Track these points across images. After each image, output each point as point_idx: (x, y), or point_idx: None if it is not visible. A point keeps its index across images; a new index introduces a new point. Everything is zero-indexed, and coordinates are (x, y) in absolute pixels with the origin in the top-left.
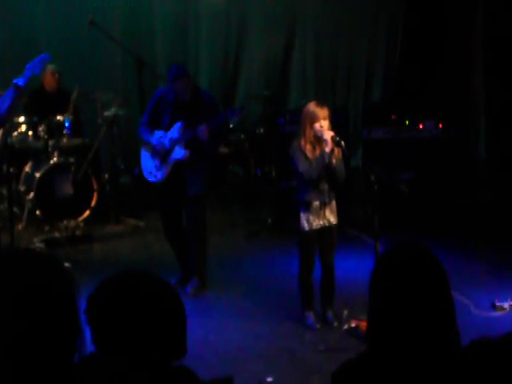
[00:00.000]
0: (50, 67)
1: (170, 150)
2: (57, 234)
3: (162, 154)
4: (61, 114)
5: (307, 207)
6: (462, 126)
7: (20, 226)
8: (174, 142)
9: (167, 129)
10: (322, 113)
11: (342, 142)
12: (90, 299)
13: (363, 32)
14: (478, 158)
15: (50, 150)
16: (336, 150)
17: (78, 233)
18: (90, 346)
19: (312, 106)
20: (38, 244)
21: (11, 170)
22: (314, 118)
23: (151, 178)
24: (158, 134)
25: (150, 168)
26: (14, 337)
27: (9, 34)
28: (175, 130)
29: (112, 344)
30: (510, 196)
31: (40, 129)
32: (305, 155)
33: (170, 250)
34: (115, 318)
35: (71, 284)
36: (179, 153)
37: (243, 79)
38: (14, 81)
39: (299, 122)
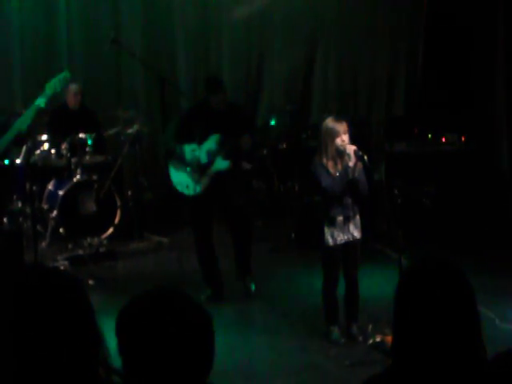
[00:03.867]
0: (73, 87)
1: (209, 162)
2: (80, 252)
3: (199, 167)
4: (84, 132)
5: (331, 222)
6: (485, 138)
7: (44, 244)
8: (213, 154)
9: (199, 141)
10: (342, 128)
11: (365, 156)
12: (120, 316)
13: (385, 45)
14: (501, 171)
15: (72, 167)
16: (358, 163)
17: (101, 250)
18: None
19: (331, 122)
20: (61, 262)
21: (34, 188)
22: (334, 134)
23: (189, 192)
24: (190, 147)
25: (186, 182)
26: (34, 346)
27: (31, 53)
28: (212, 142)
29: (141, 363)
30: None
31: (63, 147)
32: (327, 171)
33: (194, 267)
34: (146, 336)
35: (82, 291)
36: (222, 163)
37: (265, 94)
38: (36, 102)
39: (318, 138)
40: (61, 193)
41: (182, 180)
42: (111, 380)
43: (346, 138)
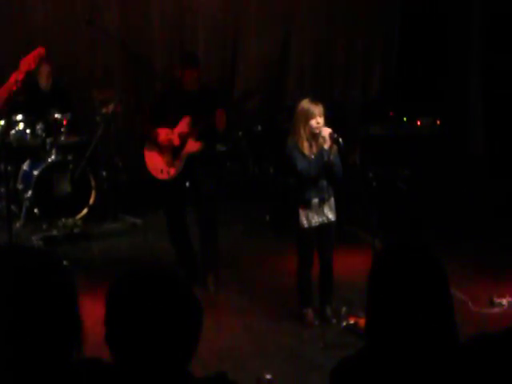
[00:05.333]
0: (46, 67)
1: (181, 145)
2: (55, 232)
3: (172, 150)
4: (58, 112)
5: (307, 205)
6: (460, 122)
7: (18, 225)
8: (184, 136)
9: (173, 125)
10: (318, 109)
11: (340, 139)
12: (112, 286)
13: (361, 28)
14: (475, 155)
15: (47, 147)
16: (333, 146)
17: (75, 231)
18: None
19: (306, 104)
20: (36, 242)
21: (9, 168)
22: (309, 115)
23: (163, 176)
24: (164, 131)
25: (161, 166)
26: (10, 330)
27: (5, 32)
28: (184, 125)
29: (125, 337)
30: (507, 192)
31: (38, 127)
32: (302, 153)
33: (168, 248)
34: (134, 309)
35: (69, 280)
36: (193, 146)
37: (240, 76)
38: (10, 79)
39: (293, 119)
40: (35, 173)
41: (156, 165)
42: (81, 365)
43: (321, 120)
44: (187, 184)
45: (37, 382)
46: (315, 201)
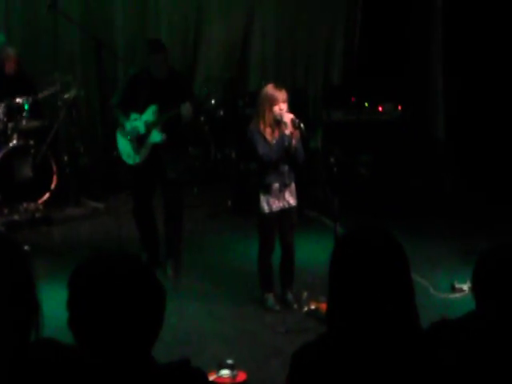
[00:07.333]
0: (11, 51)
1: (146, 133)
2: (16, 217)
3: (138, 137)
4: (20, 96)
5: (267, 189)
6: (421, 108)
7: None
8: (149, 125)
9: (142, 110)
10: (281, 95)
11: (302, 125)
12: (76, 270)
13: (322, 14)
14: (436, 140)
15: (9, 132)
16: (295, 132)
17: (37, 215)
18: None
19: (270, 89)
20: None
21: None
22: (273, 101)
23: (130, 161)
24: (133, 116)
25: (128, 151)
26: None
27: None
28: (150, 113)
29: (87, 321)
30: (468, 177)
31: None
32: (264, 138)
33: (130, 233)
34: (96, 293)
35: (26, 262)
36: (156, 136)
37: (202, 62)
38: None
39: (257, 104)
40: None
41: (125, 149)
42: (38, 346)
43: (284, 106)
44: (154, 171)
45: None
46: (276, 185)
